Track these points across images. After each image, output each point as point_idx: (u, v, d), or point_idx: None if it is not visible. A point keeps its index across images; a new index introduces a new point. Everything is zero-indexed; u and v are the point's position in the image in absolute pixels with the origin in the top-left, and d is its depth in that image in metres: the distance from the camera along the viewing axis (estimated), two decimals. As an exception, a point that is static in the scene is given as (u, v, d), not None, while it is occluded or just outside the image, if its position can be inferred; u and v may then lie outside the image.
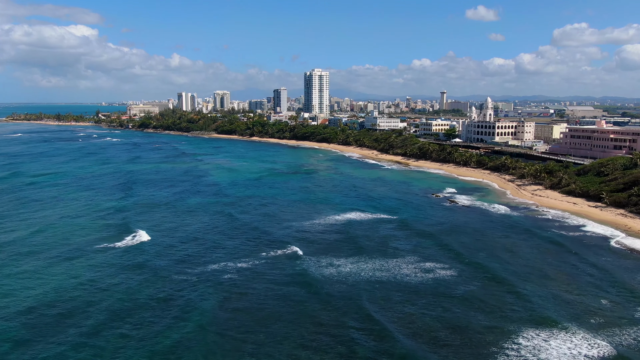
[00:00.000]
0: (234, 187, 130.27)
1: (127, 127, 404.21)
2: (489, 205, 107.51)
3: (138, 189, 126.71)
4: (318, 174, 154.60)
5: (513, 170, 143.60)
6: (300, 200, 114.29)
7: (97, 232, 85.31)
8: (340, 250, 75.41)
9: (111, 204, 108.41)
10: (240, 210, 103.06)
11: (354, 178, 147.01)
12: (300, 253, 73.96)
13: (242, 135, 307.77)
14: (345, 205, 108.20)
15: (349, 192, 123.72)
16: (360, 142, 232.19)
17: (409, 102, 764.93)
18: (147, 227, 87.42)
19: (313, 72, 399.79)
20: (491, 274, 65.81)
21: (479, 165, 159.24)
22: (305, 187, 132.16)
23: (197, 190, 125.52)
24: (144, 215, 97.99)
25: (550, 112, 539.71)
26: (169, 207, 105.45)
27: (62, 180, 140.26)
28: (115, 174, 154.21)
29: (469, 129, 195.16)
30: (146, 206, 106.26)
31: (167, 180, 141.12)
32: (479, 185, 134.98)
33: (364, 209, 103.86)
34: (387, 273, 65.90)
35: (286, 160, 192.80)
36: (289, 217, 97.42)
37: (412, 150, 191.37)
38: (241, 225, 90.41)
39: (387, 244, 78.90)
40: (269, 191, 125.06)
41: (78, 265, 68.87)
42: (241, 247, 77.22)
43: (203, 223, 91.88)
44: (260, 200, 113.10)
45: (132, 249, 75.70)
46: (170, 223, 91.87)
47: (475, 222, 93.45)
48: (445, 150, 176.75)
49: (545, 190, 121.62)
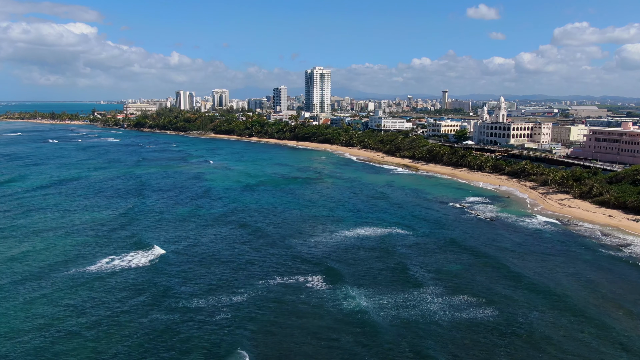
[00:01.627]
0: (230, 195, 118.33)
1: (122, 127, 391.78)
2: (517, 218, 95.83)
3: (113, 198, 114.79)
4: (322, 180, 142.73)
5: (534, 177, 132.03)
6: (303, 211, 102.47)
7: (75, 251, 73.50)
8: (353, 278, 63.70)
9: (92, 215, 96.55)
10: (236, 221, 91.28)
11: (361, 184, 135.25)
12: (311, 285, 62.25)
13: (241, 136, 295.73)
14: (354, 217, 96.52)
15: (357, 201, 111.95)
16: (364, 143, 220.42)
17: (410, 101, 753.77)
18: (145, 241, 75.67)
19: (314, 70, 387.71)
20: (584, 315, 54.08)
21: (495, 170, 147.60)
22: (309, 195, 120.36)
23: (186, 199, 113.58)
24: (127, 228, 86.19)
25: (554, 112, 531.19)
26: (157, 218, 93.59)
27: (31, 184, 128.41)
28: (79, 180, 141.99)
29: (482, 131, 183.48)
30: (128, 217, 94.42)
31: (153, 187, 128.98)
32: (499, 193, 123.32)
33: (375, 222, 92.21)
34: (415, 312, 54.18)
35: (287, 163, 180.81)
36: (291, 232, 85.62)
37: (420, 152, 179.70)
38: (242, 241, 78.71)
39: (406, 269, 67.21)
40: (269, 200, 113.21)
41: (82, 294, 57.17)
42: (252, 271, 65.50)
43: (197, 236, 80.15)
44: (258, 212, 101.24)
45: (130, 273, 63.92)
46: (168, 235, 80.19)
47: (507, 240, 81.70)
48: (458, 153, 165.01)
49: (574, 200, 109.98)
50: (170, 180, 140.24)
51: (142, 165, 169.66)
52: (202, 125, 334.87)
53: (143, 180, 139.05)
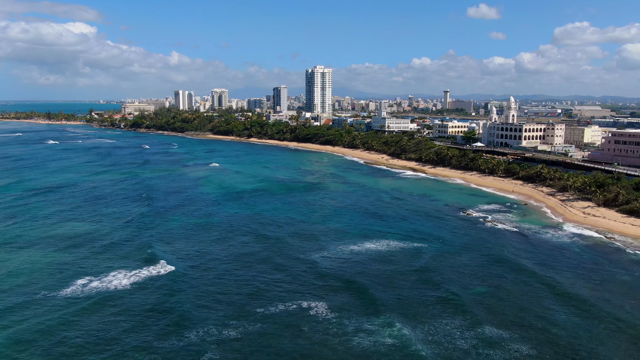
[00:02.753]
0: (227, 203, 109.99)
1: (118, 127, 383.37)
2: (539, 229, 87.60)
3: (100, 206, 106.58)
4: (324, 185, 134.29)
5: (551, 182, 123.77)
6: (305, 220, 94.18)
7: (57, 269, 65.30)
8: (365, 307, 55.50)
9: (74, 226, 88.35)
10: (236, 232, 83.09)
11: (367, 190, 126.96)
12: (313, 312, 54.07)
13: (240, 136, 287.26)
14: (361, 228, 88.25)
15: (364, 210, 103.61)
16: (368, 145, 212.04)
17: (412, 101, 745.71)
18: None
19: (315, 70, 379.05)
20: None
21: (507, 175, 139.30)
22: (311, 202, 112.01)
23: (178, 207, 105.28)
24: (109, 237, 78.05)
25: (557, 112, 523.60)
26: (149, 227, 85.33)
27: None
28: (64, 188, 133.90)
29: (491, 132, 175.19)
30: (121, 226, 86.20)
31: (140, 194, 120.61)
32: (515, 200, 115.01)
33: (385, 234, 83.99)
34: (439, 349, 45.99)
35: (287, 166, 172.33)
36: (293, 246, 77.36)
37: (427, 155, 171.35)
38: (245, 255, 70.54)
39: (427, 292, 59.02)
40: (268, 208, 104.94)
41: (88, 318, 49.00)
42: (263, 294, 57.32)
43: (196, 248, 71.96)
44: (257, 222, 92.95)
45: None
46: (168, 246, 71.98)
47: (533, 256, 73.37)
48: (467, 156, 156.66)
49: (598, 209, 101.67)
50: (161, 186, 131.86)
51: (132, 170, 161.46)
52: (200, 125, 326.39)
53: (132, 187, 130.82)
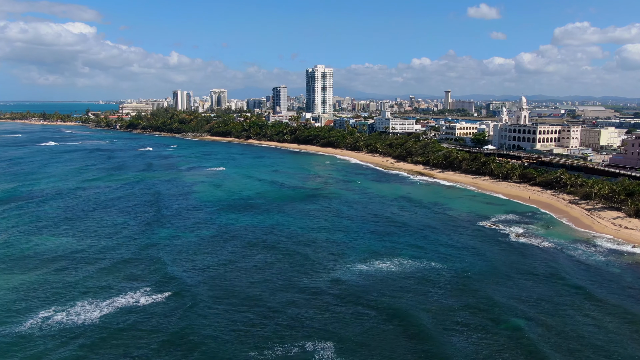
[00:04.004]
0: (220, 213, 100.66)
1: (114, 128, 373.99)
2: (568, 244, 78.43)
3: (78, 212, 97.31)
4: (327, 192, 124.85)
5: (572, 189, 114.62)
6: (306, 234, 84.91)
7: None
8: (379, 348, 46.29)
9: (46, 240, 79.12)
10: (231, 246, 73.90)
11: (373, 197, 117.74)
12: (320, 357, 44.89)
13: (238, 138, 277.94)
14: (369, 243, 79.02)
15: (370, 221, 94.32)
16: (371, 147, 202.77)
17: (413, 102, 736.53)
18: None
19: (316, 69, 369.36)
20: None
21: (523, 180, 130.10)
22: (313, 212, 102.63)
23: (166, 216, 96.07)
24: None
25: (561, 113, 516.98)
26: (127, 239, 76.07)
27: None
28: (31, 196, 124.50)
29: (502, 134, 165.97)
30: (102, 240, 76.98)
31: (124, 203, 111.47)
32: (535, 208, 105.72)
33: (396, 250, 74.86)
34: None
35: (287, 170, 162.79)
36: (294, 267, 68.11)
37: (435, 158, 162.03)
38: (238, 276, 61.31)
39: (448, 337, 49.80)
40: (266, 218, 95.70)
41: None
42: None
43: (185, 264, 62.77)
44: (253, 235, 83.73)
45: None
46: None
47: (568, 278, 64.00)
48: (479, 159, 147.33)
49: (630, 219, 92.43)
50: (148, 193, 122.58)
51: (121, 174, 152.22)
52: (197, 126, 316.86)
53: (116, 195, 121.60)
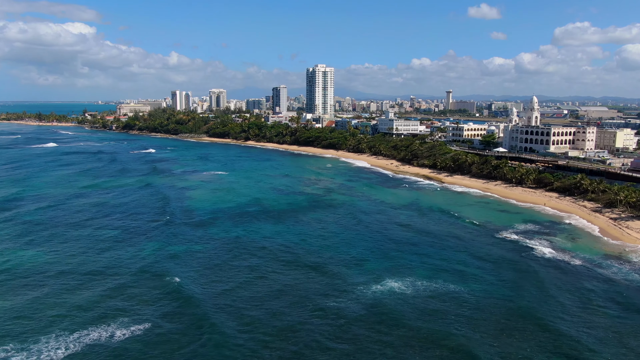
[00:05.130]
0: (213, 224, 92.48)
1: (110, 129, 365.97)
2: (600, 260, 70.52)
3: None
4: (329, 198, 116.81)
5: (593, 195, 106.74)
6: (307, 248, 76.85)
7: None
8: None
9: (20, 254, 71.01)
10: (218, 264, 65.85)
11: (379, 204, 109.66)
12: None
13: (237, 139, 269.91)
14: (379, 258, 71.12)
15: (378, 232, 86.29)
16: (375, 149, 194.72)
17: (413, 102, 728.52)
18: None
19: (316, 68, 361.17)
20: None
21: (539, 185, 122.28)
22: (315, 222, 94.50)
23: (152, 226, 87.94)
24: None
25: (563, 113, 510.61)
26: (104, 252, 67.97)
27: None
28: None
29: (513, 136, 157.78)
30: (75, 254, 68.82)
31: (108, 211, 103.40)
32: (554, 217, 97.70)
33: (408, 268, 67.06)
34: None
35: (287, 175, 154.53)
36: (296, 290, 60.01)
37: (443, 161, 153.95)
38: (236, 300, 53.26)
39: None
40: (264, 230, 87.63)
41: None
42: None
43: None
44: (245, 251, 75.70)
45: None
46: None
47: (609, 306, 55.95)
48: (490, 163, 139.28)
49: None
50: (134, 198, 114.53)
51: (110, 179, 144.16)
52: (195, 127, 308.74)
53: (104, 200, 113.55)
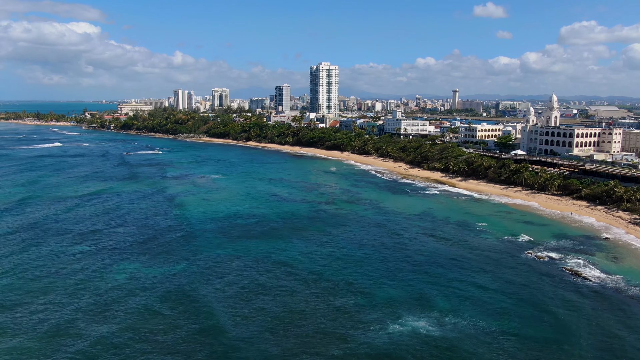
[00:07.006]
0: (201, 237, 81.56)
1: (108, 128, 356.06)
2: (659, 292, 58.95)
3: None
4: (334, 208, 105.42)
5: (629, 204, 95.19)
6: (308, 268, 65.71)
7: None
8: None
9: None
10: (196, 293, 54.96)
11: (388, 214, 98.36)
12: None
13: (237, 139, 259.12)
14: (391, 288, 59.88)
15: (389, 250, 75.07)
16: (382, 151, 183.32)
17: (419, 101, 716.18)
18: None
19: (320, 66, 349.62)
20: None
21: (564, 192, 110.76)
22: (317, 237, 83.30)
23: (139, 241, 77.06)
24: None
25: (573, 113, 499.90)
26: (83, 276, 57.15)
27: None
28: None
29: (532, 137, 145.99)
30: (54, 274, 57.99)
31: (70, 226, 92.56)
32: (589, 230, 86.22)
33: (429, 299, 56.11)
34: None
35: (288, 178, 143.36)
36: (294, 339, 49.01)
37: (456, 164, 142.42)
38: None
39: None
40: (253, 247, 76.60)
41: None
42: None
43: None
44: (241, 272, 64.69)
45: None
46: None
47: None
48: (508, 166, 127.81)
49: None
50: (121, 206, 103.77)
51: (98, 183, 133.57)
52: (194, 127, 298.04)
53: (91, 211, 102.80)
